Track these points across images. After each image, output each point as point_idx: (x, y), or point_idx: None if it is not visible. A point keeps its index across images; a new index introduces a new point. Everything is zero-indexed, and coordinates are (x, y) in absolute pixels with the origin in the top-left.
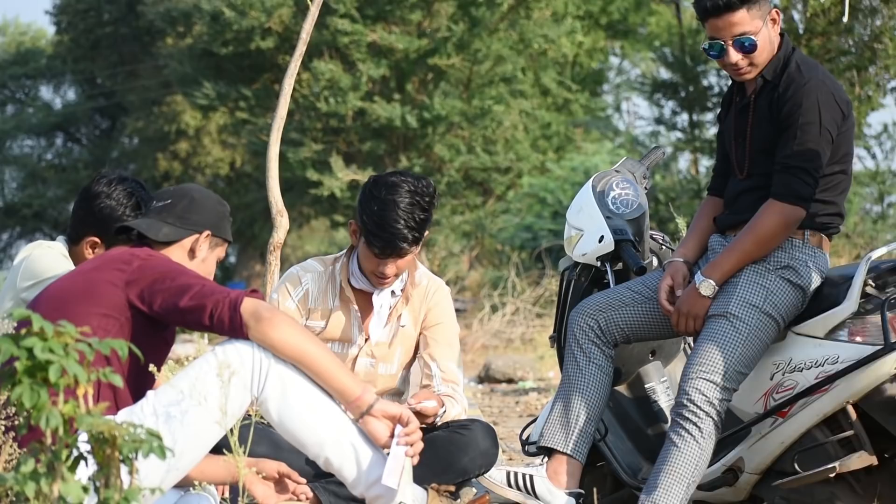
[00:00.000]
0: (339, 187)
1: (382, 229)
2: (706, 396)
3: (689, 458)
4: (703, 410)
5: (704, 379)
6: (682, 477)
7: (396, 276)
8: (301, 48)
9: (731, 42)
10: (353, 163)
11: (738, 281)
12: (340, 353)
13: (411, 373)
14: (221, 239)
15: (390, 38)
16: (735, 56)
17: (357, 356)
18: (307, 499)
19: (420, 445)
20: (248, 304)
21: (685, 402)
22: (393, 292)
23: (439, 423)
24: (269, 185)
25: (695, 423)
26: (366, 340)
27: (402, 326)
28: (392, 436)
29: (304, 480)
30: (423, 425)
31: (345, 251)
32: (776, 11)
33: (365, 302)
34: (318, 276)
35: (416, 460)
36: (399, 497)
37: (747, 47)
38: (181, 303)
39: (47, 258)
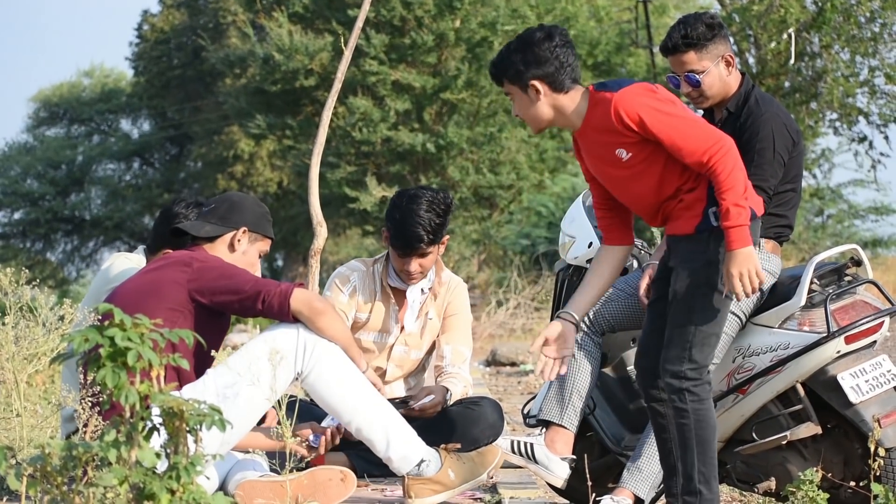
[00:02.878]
0: (371, 202)
1: (403, 232)
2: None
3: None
4: None
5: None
6: None
7: (422, 273)
8: (337, 86)
9: (682, 77)
10: (381, 182)
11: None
12: (380, 342)
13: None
14: (260, 234)
15: (409, 76)
16: (686, 88)
17: (394, 344)
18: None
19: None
20: (301, 294)
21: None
22: (422, 290)
23: (451, 404)
24: (310, 200)
25: None
26: (401, 330)
27: (430, 319)
28: None
29: (325, 429)
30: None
31: (384, 255)
32: (730, 55)
33: (401, 298)
34: (363, 274)
35: None
36: (420, 455)
37: (694, 82)
38: (237, 294)
39: (123, 267)
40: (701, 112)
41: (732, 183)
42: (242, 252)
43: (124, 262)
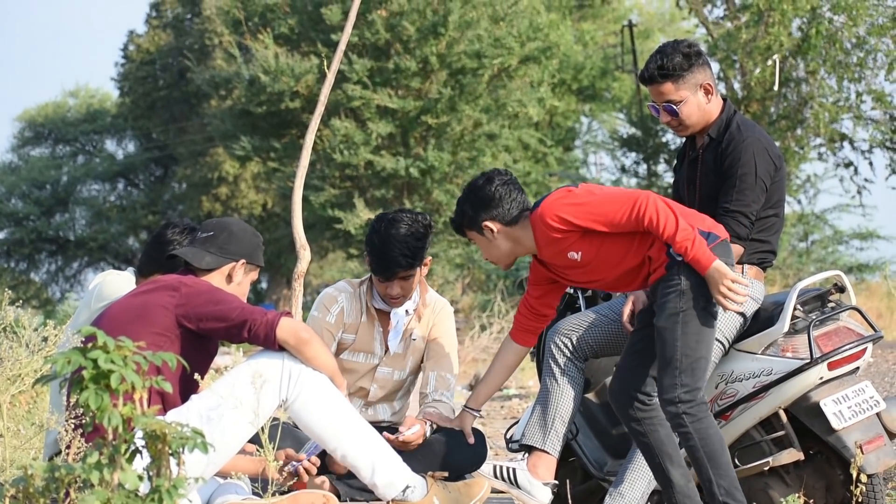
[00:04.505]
0: (357, 224)
1: (382, 257)
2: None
3: None
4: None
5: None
6: (646, 473)
7: (404, 296)
8: (320, 109)
9: (661, 106)
10: (365, 206)
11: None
12: (364, 363)
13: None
14: (255, 266)
15: (392, 100)
16: (665, 117)
17: (378, 365)
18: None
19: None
20: (287, 324)
21: None
22: (407, 311)
23: (433, 431)
24: (293, 223)
25: None
26: (385, 352)
27: (414, 340)
28: None
29: (302, 457)
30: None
31: (368, 277)
32: (709, 83)
33: (385, 320)
34: (350, 295)
35: None
36: (405, 481)
37: (672, 111)
38: (224, 321)
39: (116, 284)
40: (683, 139)
41: (666, 221)
42: (238, 283)
43: (116, 279)
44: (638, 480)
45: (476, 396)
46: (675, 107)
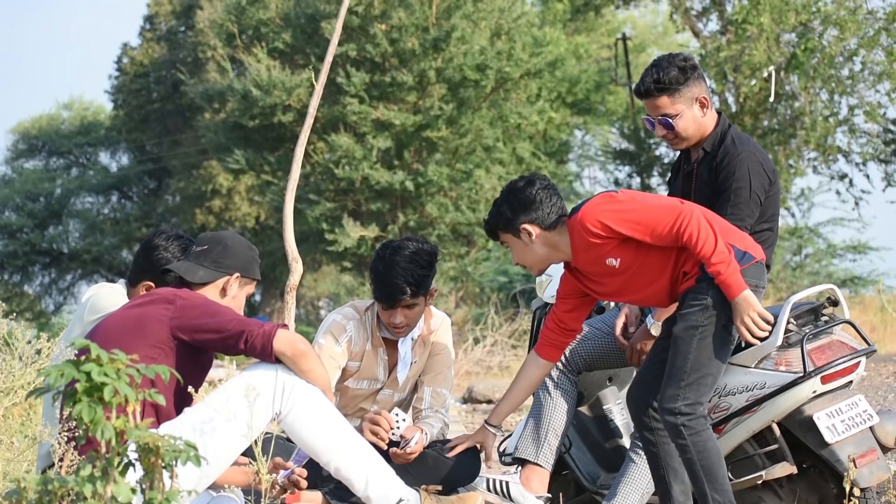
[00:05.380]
0: (350, 242)
1: (385, 284)
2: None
3: (645, 473)
4: None
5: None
6: (638, 487)
7: (408, 326)
8: (309, 121)
9: (657, 119)
10: (359, 219)
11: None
12: (368, 388)
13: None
14: (250, 279)
15: (390, 114)
16: (661, 131)
17: (380, 388)
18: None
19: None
20: (284, 335)
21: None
22: (412, 338)
23: (426, 444)
24: (285, 236)
25: None
26: (388, 378)
27: (414, 362)
28: None
29: (290, 465)
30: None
31: (373, 303)
32: (704, 97)
33: (391, 348)
34: (357, 323)
35: None
36: (398, 495)
37: (668, 125)
38: (219, 333)
39: (110, 297)
40: (677, 153)
41: (706, 241)
42: (233, 297)
43: (109, 292)
44: (631, 494)
45: (497, 413)
46: (670, 120)
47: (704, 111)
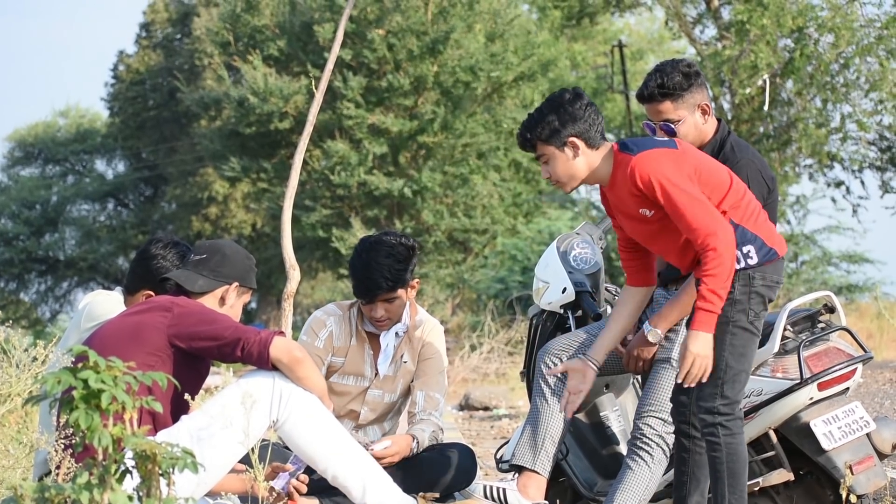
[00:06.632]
0: (349, 246)
1: (361, 279)
2: (656, 431)
3: (641, 480)
4: (654, 442)
5: (654, 416)
6: (635, 494)
7: (390, 319)
8: (308, 129)
9: (658, 125)
10: (361, 224)
11: (680, 330)
12: (355, 385)
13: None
14: (247, 288)
15: (386, 120)
16: (663, 136)
17: (368, 388)
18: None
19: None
20: (281, 343)
21: (639, 435)
22: (397, 334)
23: (422, 450)
24: (282, 243)
25: (648, 452)
26: (375, 375)
27: (405, 363)
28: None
29: (289, 467)
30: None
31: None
32: (706, 104)
33: (376, 343)
34: (339, 318)
35: None
36: (396, 502)
37: (670, 130)
38: (216, 341)
39: (107, 304)
40: None
41: (719, 270)
42: (230, 306)
43: (106, 299)
44: (628, 500)
45: (597, 348)
46: (672, 126)
47: (705, 118)
